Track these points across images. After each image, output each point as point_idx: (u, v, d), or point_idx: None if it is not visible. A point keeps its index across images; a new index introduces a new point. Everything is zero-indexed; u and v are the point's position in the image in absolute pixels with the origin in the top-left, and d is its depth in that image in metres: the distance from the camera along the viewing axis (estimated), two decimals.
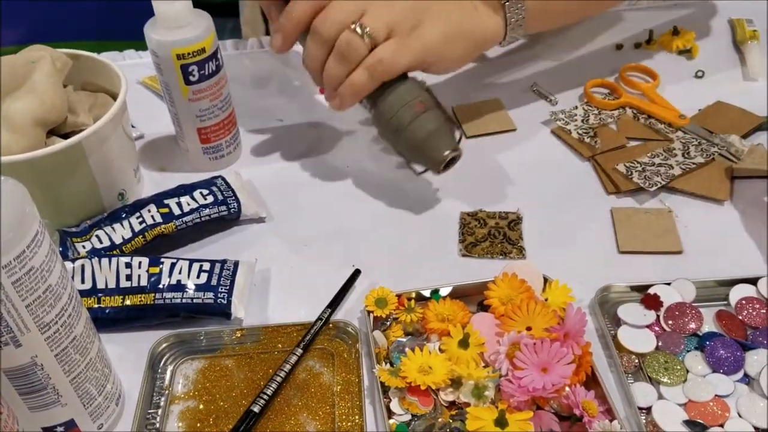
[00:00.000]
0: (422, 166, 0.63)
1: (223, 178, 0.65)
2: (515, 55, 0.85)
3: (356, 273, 0.58)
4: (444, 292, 0.55)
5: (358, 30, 0.58)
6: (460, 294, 0.55)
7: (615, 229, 0.62)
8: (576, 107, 0.74)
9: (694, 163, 0.66)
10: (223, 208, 0.62)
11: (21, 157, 0.54)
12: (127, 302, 0.55)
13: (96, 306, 0.54)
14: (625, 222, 0.62)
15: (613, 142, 0.70)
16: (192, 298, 0.55)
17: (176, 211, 0.61)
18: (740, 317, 0.53)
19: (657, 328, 0.53)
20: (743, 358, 0.50)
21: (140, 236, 0.59)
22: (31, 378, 0.42)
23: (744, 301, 0.54)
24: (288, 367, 0.51)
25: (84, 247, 0.58)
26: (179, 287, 0.55)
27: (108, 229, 0.59)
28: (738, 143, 0.67)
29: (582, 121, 0.72)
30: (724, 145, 0.67)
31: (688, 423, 0.47)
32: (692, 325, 0.53)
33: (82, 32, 1.21)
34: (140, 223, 0.60)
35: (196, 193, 0.62)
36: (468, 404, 0.48)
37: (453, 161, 0.61)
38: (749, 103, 0.73)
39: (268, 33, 1.00)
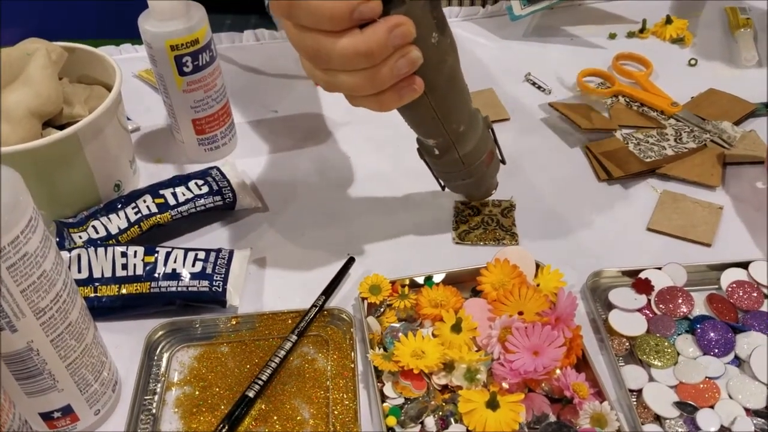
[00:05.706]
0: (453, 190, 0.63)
1: (218, 169, 0.65)
2: (509, 45, 0.85)
3: (350, 260, 0.59)
4: (437, 278, 0.56)
5: None
6: (453, 280, 0.55)
7: (655, 208, 0.62)
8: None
9: (686, 148, 0.66)
10: (218, 198, 0.62)
11: (17, 148, 0.54)
12: (123, 291, 0.55)
13: (93, 295, 0.55)
14: (668, 204, 0.62)
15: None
16: (187, 287, 0.55)
17: (171, 202, 0.61)
18: (731, 301, 0.53)
19: (648, 312, 0.53)
20: (734, 340, 0.51)
21: (136, 226, 0.60)
22: (27, 363, 0.42)
23: (735, 285, 0.54)
24: (283, 353, 0.51)
25: (80, 237, 0.59)
26: (174, 276, 0.55)
27: (104, 219, 0.60)
28: (730, 129, 0.67)
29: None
30: (717, 131, 0.68)
31: (679, 404, 0.47)
32: (683, 309, 0.53)
33: (82, 31, 1.22)
34: (136, 213, 0.60)
35: (191, 184, 0.63)
36: (460, 387, 0.48)
37: None
38: (742, 90, 0.73)
39: None
